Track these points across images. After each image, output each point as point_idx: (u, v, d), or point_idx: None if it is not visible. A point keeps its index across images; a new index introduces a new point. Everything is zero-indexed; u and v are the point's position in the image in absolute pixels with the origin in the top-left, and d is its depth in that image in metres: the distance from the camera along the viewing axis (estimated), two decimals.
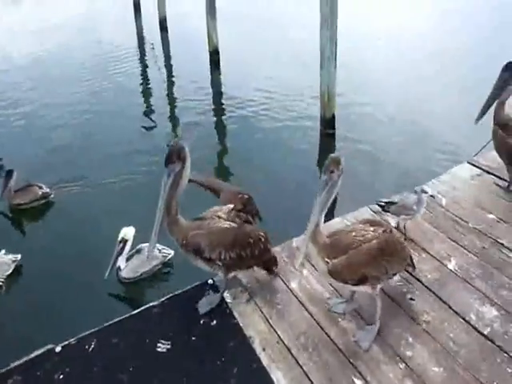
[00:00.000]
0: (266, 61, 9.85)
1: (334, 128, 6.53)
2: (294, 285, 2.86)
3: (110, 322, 2.81)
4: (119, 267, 4.10)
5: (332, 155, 2.28)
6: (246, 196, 2.80)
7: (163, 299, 2.87)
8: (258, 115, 7.61)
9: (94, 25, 13.96)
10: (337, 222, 3.32)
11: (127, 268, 4.13)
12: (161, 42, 12.12)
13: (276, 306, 2.74)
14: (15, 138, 7.59)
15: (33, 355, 2.72)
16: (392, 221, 3.31)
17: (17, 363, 2.66)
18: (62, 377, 2.48)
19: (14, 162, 6.38)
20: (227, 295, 2.83)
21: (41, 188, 5.43)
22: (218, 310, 2.75)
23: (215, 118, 7.86)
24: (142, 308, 2.85)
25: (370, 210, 3.48)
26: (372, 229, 2.45)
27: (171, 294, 2.90)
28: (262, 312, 2.71)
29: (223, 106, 8.26)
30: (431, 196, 3.19)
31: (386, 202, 3.27)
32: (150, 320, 2.77)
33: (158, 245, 4.26)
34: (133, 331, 2.72)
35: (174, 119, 8.11)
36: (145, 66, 10.91)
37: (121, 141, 7.06)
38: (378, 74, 8.68)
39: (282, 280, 2.89)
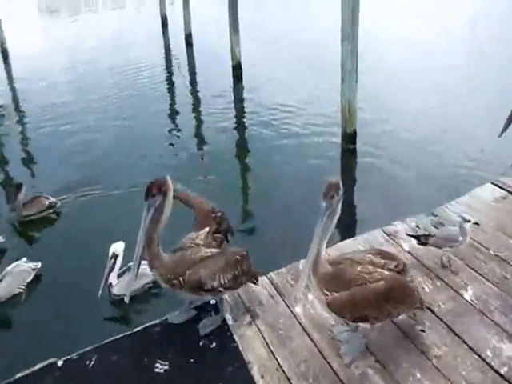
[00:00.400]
0: (288, 74, 9.88)
1: (354, 143, 6.42)
2: (297, 309, 2.75)
3: (112, 339, 2.77)
4: (111, 284, 4.03)
5: (331, 180, 2.17)
6: (220, 213, 2.76)
7: (164, 318, 2.81)
8: (279, 129, 7.59)
9: (125, 38, 14.42)
10: (347, 244, 3.19)
11: (119, 285, 4.05)
12: (186, 56, 12.41)
13: (278, 330, 2.63)
14: (45, 143, 7.89)
15: (36, 368, 2.73)
16: (405, 245, 3.18)
17: (20, 375, 2.67)
18: None
19: (36, 170, 6.58)
20: (229, 317, 2.74)
21: (47, 199, 5.62)
22: (218, 331, 2.67)
23: (236, 131, 7.89)
24: (143, 326, 2.80)
25: (384, 232, 3.34)
26: (382, 262, 2.28)
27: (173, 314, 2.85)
28: (263, 336, 2.61)
29: (245, 119, 8.29)
30: (475, 224, 2.93)
31: (421, 235, 3.04)
32: (151, 339, 2.71)
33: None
34: (133, 349, 2.68)
35: (197, 132, 8.20)
36: (171, 79, 11.14)
37: (143, 151, 7.16)
38: (400, 88, 8.54)
39: (286, 304, 2.78)
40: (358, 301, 2.16)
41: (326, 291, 2.21)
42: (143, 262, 2.51)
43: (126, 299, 2.50)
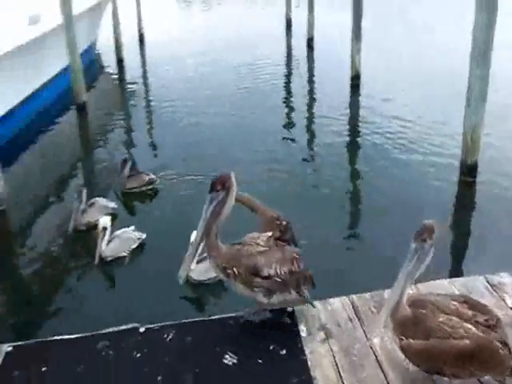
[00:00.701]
0: (408, 88, 9.55)
1: (474, 176, 5.88)
2: (375, 340, 2.64)
3: (189, 320, 2.94)
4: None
5: (426, 222, 2.07)
6: (285, 222, 2.73)
7: (240, 314, 2.87)
8: (392, 145, 7.35)
9: (251, 34, 14.99)
10: (441, 285, 2.98)
11: (197, 270, 4.43)
12: (306, 59, 12.53)
13: (351, 355, 2.56)
14: (163, 121, 8.53)
15: (121, 328, 2.99)
16: (510, 301, 2.87)
17: (107, 331, 2.94)
18: (139, 355, 2.66)
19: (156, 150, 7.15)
20: (303, 328, 2.73)
21: (148, 175, 6.25)
22: (290, 340, 2.67)
23: (348, 139, 7.81)
24: (220, 316, 2.91)
25: (487, 281, 3.05)
26: (470, 313, 2.07)
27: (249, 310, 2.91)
28: (334, 357, 2.56)
29: (358, 129, 8.18)
30: None
31: None
32: (224, 330, 2.81)
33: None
34: (207, 335, 2.80)
35: (309, 133, 8.27)
36: (289, 79, 11.38)
37: (252, 145, 7.43)
38: None
39: (364, 331, 2.70)
40: (435, 354, 2.01)
41: (401, 336, 2.09)
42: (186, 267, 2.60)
43: (181, 281, 2.60)
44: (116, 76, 12.34)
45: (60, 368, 2.62)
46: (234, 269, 2.53)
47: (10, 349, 2.73)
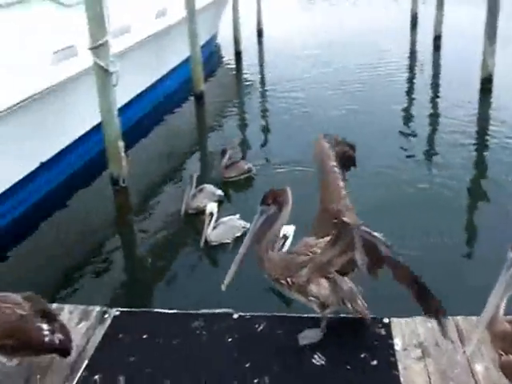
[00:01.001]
0: None
1: None
2: (478, 367, 2.42)
3: (281, 314, 2.97)
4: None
5: None
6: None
7: (331, 315, 2.81)
8: None
9: (373, 30, 14.48)
10: None
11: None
12: (431, 59, 11.76)
13: (448, 379, 2.38)
14: (276, 112, 8.63)
15: (216, 311, 3.14)
16: None
17: (202, 311, 3.09)
18: (230, 340, 2.75)
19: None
20: (398, 343, 2.61)
21: (246, 163, 6.42)
22: (382, 352, 2.57)
23: (474, 148, 7.24)
24: (312, 315, 2.84)
25: None
26: None
27: (341, 315, 2.83)
28: (429, 378, 2.39)
29: (487, 138, 7.49)
30: None
31: None
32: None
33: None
34: (297, 331, 2.80)
35: (429, 138, 7.79)
36: (412, 79, 10.86)
37: (368, 145, 7.19)
38: None
39: (466, 355, 2.48)
40: None
41: (501, 351, 1.94)
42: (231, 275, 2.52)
43: (223, 287, 2.54)
44: (233, 68, 12.81)
45: (158, 338, 2.81)
46: (288, 279, 2.48)
47: (118, 313, 3.01)
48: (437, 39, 12.21)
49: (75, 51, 6.46)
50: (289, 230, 4.37)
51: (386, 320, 2.76)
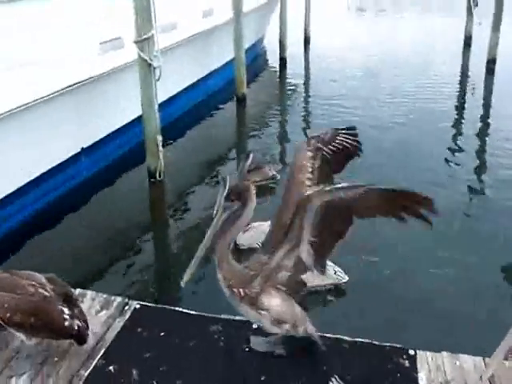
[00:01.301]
0: None
1: None
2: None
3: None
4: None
5: None
6: None
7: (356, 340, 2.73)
8: None
9: (423, 48, 14.17)
10: None
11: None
12: (484, 83, 11.29)
13: None
14: (318, 121, 8.56)
15: (235, 318, 3.08)
16: None
17: (222, 316, 3.01)
18: (248, 349, 2.69)
19: None
20: (422, 377, 2.45)
21: (270, 169, 6.30)
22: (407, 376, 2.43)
23: None
24: (334, 335, 2.78)
25: None
26: None
27: (363, 340, 2.73)
28: None
29: None
30: None
31: None
32: (336, 350, 2.69)
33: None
34: (317, 349, 2.70)
35: (476, 167, 7.37)
36: (462, 103, 10.47)
37: (412, 163, 6.99)
38: None
39: None
40: None
41: None
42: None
43: (182, 283, 2.46)
44: (278, 72, 12.80)
45: (175, 337, 2.80)
46: (241, 290, 2.39)
47: (138, 306, 3.01)
48: (490, 62, 11.73)
49: (122, 43, 6.50)
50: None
51: (411, 352, 2.64)
